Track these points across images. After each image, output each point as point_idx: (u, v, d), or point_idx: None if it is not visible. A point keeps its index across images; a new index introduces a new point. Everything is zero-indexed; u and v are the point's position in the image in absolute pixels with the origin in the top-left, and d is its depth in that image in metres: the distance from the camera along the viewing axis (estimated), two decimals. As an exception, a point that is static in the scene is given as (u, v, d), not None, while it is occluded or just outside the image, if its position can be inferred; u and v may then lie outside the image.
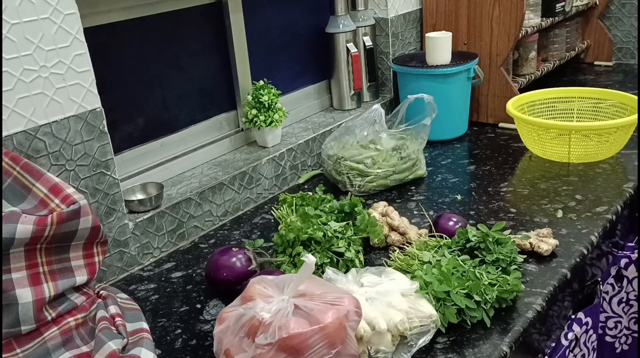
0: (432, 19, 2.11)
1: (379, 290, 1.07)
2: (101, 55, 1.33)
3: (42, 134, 1.16)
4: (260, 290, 0.97)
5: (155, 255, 1.43)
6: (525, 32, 2.05)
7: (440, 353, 1.03)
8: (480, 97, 2.05)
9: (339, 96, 2.03)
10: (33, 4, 1.11)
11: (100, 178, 1.28)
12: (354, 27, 1.97)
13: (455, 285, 1.09)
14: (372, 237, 1.33)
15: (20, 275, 1.00)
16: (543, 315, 1.14)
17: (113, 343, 1.01)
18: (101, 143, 1.26)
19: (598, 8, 2.55)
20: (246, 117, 1.71)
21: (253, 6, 1.76)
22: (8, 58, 1.10)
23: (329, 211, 1.37)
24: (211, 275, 1.23)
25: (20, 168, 1.08)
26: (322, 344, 0.89)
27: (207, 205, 1.53)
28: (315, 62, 2.03)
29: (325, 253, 1.24)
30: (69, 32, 1.18)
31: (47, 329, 1.03)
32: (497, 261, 1.16)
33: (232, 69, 1.75)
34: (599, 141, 1.66)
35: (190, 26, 1.63)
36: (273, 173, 1.70)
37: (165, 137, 1.62)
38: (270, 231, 1.50)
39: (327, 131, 1.86)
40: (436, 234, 1.30)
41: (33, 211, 1.04)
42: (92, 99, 1.24)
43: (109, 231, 1.32)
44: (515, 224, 1.40)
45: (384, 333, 1.00)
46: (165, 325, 1.18)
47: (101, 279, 1.32)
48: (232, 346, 0.93)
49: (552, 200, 1.50)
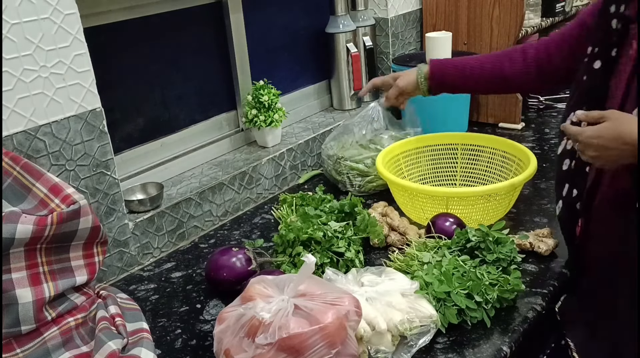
0: (432, 19, 2.11)
1: (379, 290, 1.07)
2: (101, 55, 1.33)
3: (42, 134, 1.16)
4: (260, 290, 0.97)
5: (155, 255, 1.43)
6: (525, 32, 2.04)
7: (440, 353, 1.03)
8: (480, 97, 2.05)
9: (339, 96, 2.03)
10: (33, 4, 1.11)
11: (100, 178, 1.28)
12: (354, 27, 1.97)
13: (456, 286, 1.09)
14: (372, 237, 1.33)
15: (20, 275, 1.00)
16: (543, 314, 1.14)
17: (113, 343, 1.01)
18: (101, 143, 1.26)
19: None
20: (246, 117, 1.71)
21: (253, 6, 1.76)
22: (8, 58, 1.09)
23: (329, 211, 1.37)
24: (211, 275, 1.23)
25: (20, 168, 1.08)
26: (322, 344, 0.89)
27: (207, 205, 1.52)
28: (315, 62, 2.03)
29: (325, 253, 1.24)
30: (69, 32, 1.18)
31: (47, 329, 1.03)
32: (498, 261, 1.16)
33: (232, 69, 1.75)
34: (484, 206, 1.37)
35: (190, 26, 1.63)
36: (273, 173, 1.70)
37: (165, 137, 1.62)
38: (270, 231, 1.50)
39: (327, 131, 1.86)
40: (435, 234, 1.30)
41: (33, 211, 1.04)
42: (92, 99, 1.24)
43: (109, 231, 1.32)
44: (515, 224, 1.40)
45: (384, 333, 1.00)
46: (165, 325, 1.18)
47: (101, 279, 1.31)
48: (232, 346, 0.93)
49: (552, 200, 1.50)
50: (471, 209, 1.35)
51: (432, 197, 1.35)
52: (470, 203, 1.34)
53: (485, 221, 1.36)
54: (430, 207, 1.36)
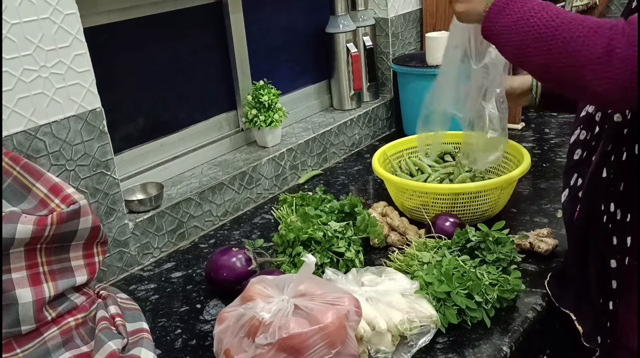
0: (432, 19, 2.11)
1: (379, 290, 1.07)
2: (101, 55, 1.33)
3: (42, 134, 1.16)
4: (260, 290, 0.97)
5: (155, 255, 1.43)
6: (525, 32, 2.04)
7: (440, 353, 1.03)
8: (480, 97, 2.04)
9: (339, 96, 2.03)
10: (33, 4, 1.11)
11: (100, 178, 1.28)
12: (354, 27, 1.97)
13: (456, 286, 1.09)
14: (372, 237, 1.33)
15: (20, 275, 1.00)
16: (543, 314, 1.14)
17: (113, 343, 1.01)
18: (101, 143, 1.26)
19: (598, 8, 2.55)
20: (246, 117, 1.71)
21: (253, 6, 1.76)
22: (8, 58, 1.09)
23: (329, 211, 1.37)
24: (211, 275, 1.23)
25: (20, 168, 1.08)
26: (322, 344, 0.89)
27: (207, 205, 1.52)
28: (315, 62, 2.03)
29: (325, 253, 1.24)
30: (69, 32, 1.18)
31: (47, 329, 1.03)
32: (498, 261, 1.16)
33: (232, 69, 1.75)
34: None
35: (190, 26, 1.63)
36: (273, 173, 1.70)
37: (165, 137, 1.62)
38: (270, 231, 1.50)
39: (327, 131, 1.86)
40: (435, 235, 1.30)
41: (33, 211, 1.04)
42: (92, 99, 1.24)
43: (109, 231, 1.32)
44: (515, 224, 1.40)
45: (384, 333, 1.00)
46: (165, 325, 1.18)
47: (101, 279, 1.31)
48: (232, 346, 0.93)
49: (552, 200, 1.50)
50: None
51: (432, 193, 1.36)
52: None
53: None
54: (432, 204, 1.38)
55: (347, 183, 1.75)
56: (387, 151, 1.58)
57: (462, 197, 1.35)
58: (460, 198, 1.35)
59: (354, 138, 1.98)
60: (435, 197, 1.36)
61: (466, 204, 1.36)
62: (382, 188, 1.67)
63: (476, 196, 1.35)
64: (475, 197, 1.35)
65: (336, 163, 1.90)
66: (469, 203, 1.36)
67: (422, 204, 1.38)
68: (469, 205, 1.36)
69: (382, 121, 2.09)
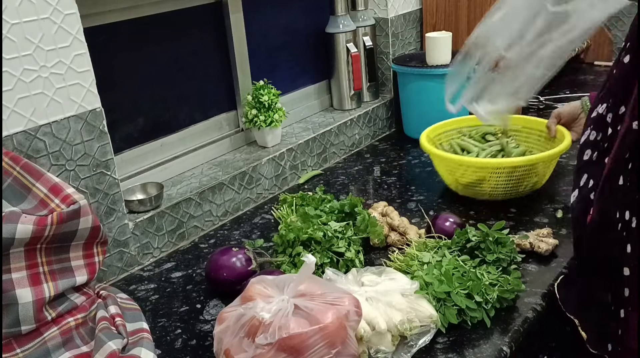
0: (432, 19, 2.11)
1: (379, 289, 1.07)
2: (101, 55, 1.33)
3: (42, 134, 1.16)
4: (260, 290, 0.97)
5: (155, 255, 1.43)
6: (525, 32, 2.04)
7: (440, 353, 1.03)
8: (480, 97, 2.05)
9: (339, 96, 2.03)
10: (33, 4, 1.11)
11: (100, 178, 1.28)
12: (354, 27, 1.97)
13: (456, 286, 1.09)
14: (372, 237, 1.33)
15: (20, 275, 1.00)
16: (543, 314, 1.14)
17: (113, 343, 1.01)
18: (101, 143, 1.26)
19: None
20: (246, 117, 1.71)
21: (253, 6, 1.76)
22: (8, 58, 1.09)
23: (329, 211, 1.37)
24: (211, 275, 1.23)
25: (20, 168, 1.08)
26: (322, 344, 0.89)
27: (207, 205, 1.53)
28: (315, 62, 2.03)
29: (325, 253, 1.24)
30: (69, 32, 1.18)
31: (47, 329, 1.03)
32: (498, 261, 1.16)
33: (232, 69, 1.75)
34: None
35: (190, 26, 1.63)
36: (273, 173, 1.70)
37: (165, 137, 1.62)
38: (270, 231, 1.50)
39: (327, 131, 1.86)
40: (435, 234, 1.30)
41: (33, 211, 1.04)
42: (92, 99, 1.24)
43: (109, 231, 1.32)
44: (516, 224, 1.40)
45: (384, 333, 1.00)
46: (165, 325, 1.18)
47: (101, 279, 1.31)
48: (232, 346, 0.93)
49: (552, 200, 1.50)
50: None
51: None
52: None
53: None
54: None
55: (347, 183, 1.75)
56: (429, 133, 1.65)
57: (518, 170, 1.43)
58: (517, 170, 1.44)
59: (354, 138, 1.98)
60: (492, 172, 1.44)
61: (521, 177, 1.45)
62: (382, 188, 1.68)
63: (531, 168, 1.44)
64: (529, 170, 1.44)
65: (336, 163, 1.90)
66: (524, 176, 1.45)
67: (478, 180, 1.47)
68: (523, 178, 1.45)
69: (382, 121, 2.09)
